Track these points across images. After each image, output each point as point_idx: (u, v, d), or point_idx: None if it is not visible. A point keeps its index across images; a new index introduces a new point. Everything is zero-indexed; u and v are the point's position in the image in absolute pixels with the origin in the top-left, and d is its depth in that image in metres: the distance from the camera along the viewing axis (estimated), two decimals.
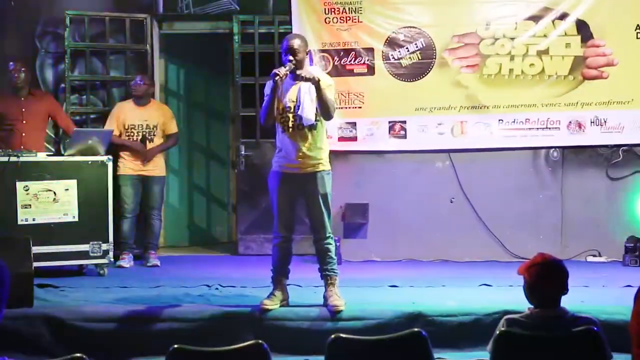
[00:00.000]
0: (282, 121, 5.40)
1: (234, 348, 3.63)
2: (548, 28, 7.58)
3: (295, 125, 5.37)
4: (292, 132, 5.37)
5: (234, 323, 5.30)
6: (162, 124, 7.54)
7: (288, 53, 5.30)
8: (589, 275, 6.65)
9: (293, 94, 5.37)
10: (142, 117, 7.47)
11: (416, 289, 6.17)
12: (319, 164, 5.42)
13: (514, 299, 4.88)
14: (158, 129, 7.51)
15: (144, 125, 7.46)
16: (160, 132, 7.53)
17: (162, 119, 7.55)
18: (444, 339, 5.14)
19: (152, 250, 7.50)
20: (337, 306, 5.36)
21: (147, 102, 7.54)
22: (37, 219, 6.50)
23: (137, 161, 7.43)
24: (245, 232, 8.10)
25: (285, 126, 5.39)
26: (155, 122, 7.50)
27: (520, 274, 3.83)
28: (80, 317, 5.33)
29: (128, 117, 7.46)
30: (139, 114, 7.48)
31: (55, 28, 8.08)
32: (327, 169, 5.47)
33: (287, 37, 5.49)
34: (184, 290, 6.06)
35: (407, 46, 7.69)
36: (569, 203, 7.84)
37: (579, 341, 3.60)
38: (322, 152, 5.45)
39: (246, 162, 8.08)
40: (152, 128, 7.48)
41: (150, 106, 7.57)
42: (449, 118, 7.71)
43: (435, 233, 7.85)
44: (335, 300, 5.39)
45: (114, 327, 5.31)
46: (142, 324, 5.33)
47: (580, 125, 7.64)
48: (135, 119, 7.45)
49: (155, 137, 7.49)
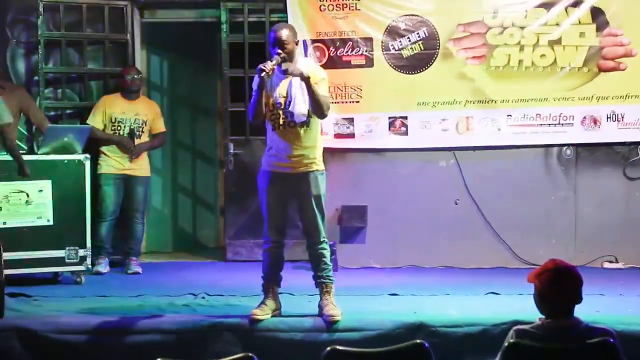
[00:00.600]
0: (272, 118, 5.41)
1: None
2: (561, 16, 7.60)
3: (287, 122, 5.36)
4: (283, 129, 5.37)
5: (222, 335, 5.29)
6: (150, 121, 7.57)
7: (276, 45, 5.31)
8: (605, 282, 6.67)
9: (283, 89, 5.37)
10: (132, 111, 7.49)
11: (418, 298, 6.17)
12: (311, 164, 5.42)
13: (524, 308, 4.89)
14: (147, 125, 7.53)
15: (132, 119, 7.47)
16: (147, 129, 7.55)
17: (151, 116, 7.59)
18: (448, 351, 5.14)
19: (134, 256, 7.50)
20: (333, 316, 5.36)
21: (137, 96, 7.60)
22: (7, 223, 6.49)
23: (122, 159, 7.43)
24: (234, 236, 8.10)
25: (276, 123, 5.39)
26: (144, 117, 7.54)
27: (530, 282, 3.83)
28: (54, 328, 5.32)
29: (116, 110, 7.48)
30: (128, 107, 7.52)
31: (28, 16, 8.06)
32: (320, 168, 5.48)
33: (274, 27, 5.47)
34: (168, 299, 6.06)
35: (408, 36, 7.70)
36: (583, 205, 7.86)
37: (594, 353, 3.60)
38: (316, 151, 5.46)
39: (235, 161, 8.08)
40: (141, 123, 7.50)
41: (140, 101, 7.63)
42: (454, 113, 7.73)
43: (439, 237, 7.86)
44: (330, 310, 5.39)
45: (91, 339, 5.30)
46: (122, 335, 5.32)
47: (596, 120, 7.66)
48: (125, 112, 7.47)
49: (143, 133, 7.52)
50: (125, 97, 7.56)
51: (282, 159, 5.39)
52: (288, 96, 5.33)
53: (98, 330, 5.34)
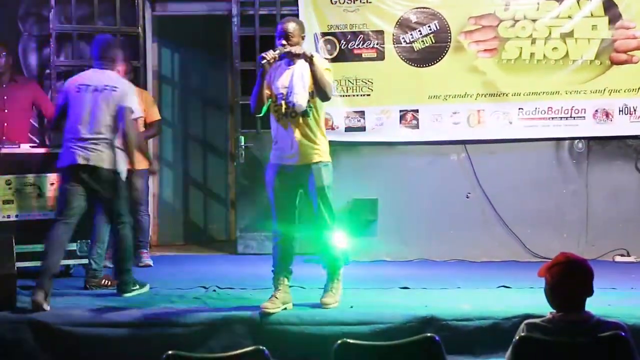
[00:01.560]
0: (275, 109, 5.47)
1: (233, 354, 3.63)
2: (573, 8, 7.58)
3: (289, 112, 5.42)
4: (285, 120, 5.43)
5: (233, 327, 5.30)
6: (143, 111, 7.51)
7: (281, 37, 5.39)
8: (617, 276, 6.64)
9: (285, 80, 5.43)
10: None
11: (429, 291, 6.17)
12: (315, 155, 5.45)
13: (535, 302, 4.88)
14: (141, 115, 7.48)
15: None
16: (142, 119, 7.50)
17: (143, 105, 7.53)
18: (459, 345, 5.13)
19: (144, 249, 7.51)
20: (325, 303, 5.46)
21: None
22: (20, 216, 6.52)
23: None
24: (244, 229, 8.12)
25: (279, 114, 5.45)
26: None
27: (541, 276, 3.82)
28: (66, 321, 5.34)
29: None
30: None
31: (39, 9, 8.09)
32: (325, 160, 5.50)
33: (282, 20, 5.59)
34: (179, 292, 6.07)
35: (419, 29, 7.69)
36: (594, 198, 7.84)
37: (606, 347, 3.58)
38: (319, 142, 5.47)
39: (246, 154, 8.08)
40: None
41: None
42: (465, 106, 7.72)
43: (450, 231, 7.85)
44: (326, 297, 5.49)
45: (102, 332, 5.32)
46: (133, 328, 5.33)
47: (608, 114, 7.63)
48: None
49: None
50: None
51: (286, 150, 5.44)
52: (289, 86, 5.38)
53: (109, 323, 5.35)
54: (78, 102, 5.80)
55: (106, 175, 5.79)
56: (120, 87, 5.85)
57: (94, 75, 5.92)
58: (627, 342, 3.59)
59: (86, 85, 5.83)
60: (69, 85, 5.95)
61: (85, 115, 5.76)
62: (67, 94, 5.90)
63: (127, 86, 5.95)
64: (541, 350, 3.60)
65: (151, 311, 5.48)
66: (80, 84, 5.86)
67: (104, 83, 5.82)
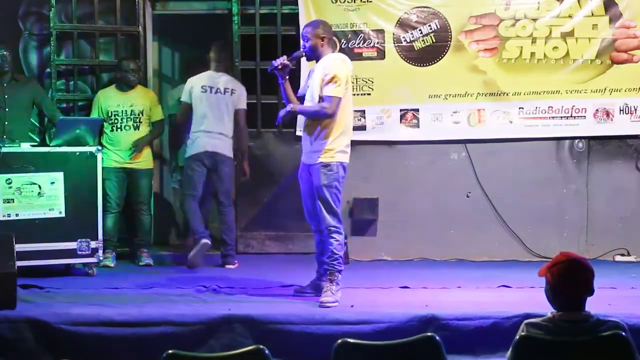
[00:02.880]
0: None
1: (233, 354, 3.63)
2: (573, 8, 7.58)
3: None
4: (306, 122, 5.78)
5: (233, 327, 5.29)
6: (147, 110, 7.52)
7: (303, 39, 5.79)
8: (617, 275, 6.65)
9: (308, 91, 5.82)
10: (127, 102, 7.45)
11: (429, 291, 6.18)
12: (318, 156, 5.65)
13: (536, 301, 4.88)
14: (144, 114, 7.49)
15: (128, 111, 7.44)
16: (146, 118, 7.51)
17: (147, 104, 7.54)
18: (459, 345, 5.13)
19: (144, 248, 7.51)
20: (324, 302, 5.50)
21: (131, 87, 7.54)
22: (20, 215, 6.52)
23: (122, 152, 7.39)
24: (245, 228, 8.11)
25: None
26: (140, 107, 7.47)
27: (542, 276, 3.82)
28: (67, 320, 5.33)
29: (111, 103, 7.44)
30: (122, 99, 7.46)
31: (40, 8, 8.07)
32: (326, 160, 5.65)
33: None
34: (179, 291, 6.09)
35: (420, 28, 7.69)
36: (595, 198, 7.84)
37: (605, 347, 3.59)
38: (325, 144, 5.63)
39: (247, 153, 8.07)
40: (137, 114, 7.46)
41: (134, 91, 7.56)
42: (465, 106, 7.72)
43: (450, 230, 7.85)
44: (325, 296, 5.53)
45: (103, 331, 5.30)
46: (133, 327, 5.32)
47: (608, 113, 7.64)
48: (119, 104, 7.43)
49: (141, 124, 7.48)
50: (119, 89, 7.53)
51: (303, 150, 5.81)
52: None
53: (109, 322, 5.34)
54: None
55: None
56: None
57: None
58: (626, 342, 3.59)
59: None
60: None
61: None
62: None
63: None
64: (542, 349, 3.61)
65: (151, 310, 5.48)
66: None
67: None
